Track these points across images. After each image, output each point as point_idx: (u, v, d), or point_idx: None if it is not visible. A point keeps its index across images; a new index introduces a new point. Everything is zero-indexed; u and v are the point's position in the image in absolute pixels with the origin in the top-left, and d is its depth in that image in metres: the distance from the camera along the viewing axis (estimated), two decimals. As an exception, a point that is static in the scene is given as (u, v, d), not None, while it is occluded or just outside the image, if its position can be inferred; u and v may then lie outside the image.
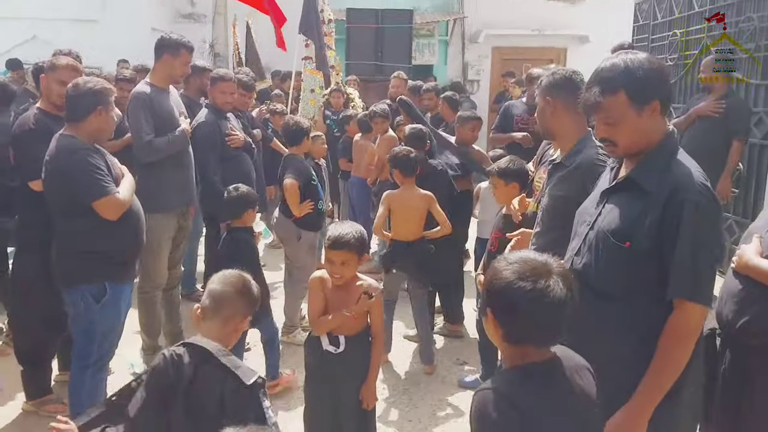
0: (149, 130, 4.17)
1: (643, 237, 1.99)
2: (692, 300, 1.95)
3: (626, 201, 2.09)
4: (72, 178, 3.15)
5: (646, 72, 2.00)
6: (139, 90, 4.28)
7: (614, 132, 2.08)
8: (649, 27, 7.69)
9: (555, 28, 13.31)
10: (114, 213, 3.24)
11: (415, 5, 13.08)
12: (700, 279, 1.95)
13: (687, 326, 1.97)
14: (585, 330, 2.02)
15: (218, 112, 4.88)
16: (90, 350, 3.34)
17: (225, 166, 4.80)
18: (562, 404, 1.64)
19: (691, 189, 1.96)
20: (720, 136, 5.37)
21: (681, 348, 1.97)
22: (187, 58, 4.39)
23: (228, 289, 2.24)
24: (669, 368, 1.97)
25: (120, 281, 3.37)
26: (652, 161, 2.07)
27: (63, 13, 11.68)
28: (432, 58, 13.59)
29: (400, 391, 4.32)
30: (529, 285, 1.57)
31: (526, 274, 1.59)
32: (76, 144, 3.21)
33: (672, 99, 2.15)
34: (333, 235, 2.97)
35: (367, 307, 3.00)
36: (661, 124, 2.09)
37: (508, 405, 1.57)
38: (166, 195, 4.29)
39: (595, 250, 2.11)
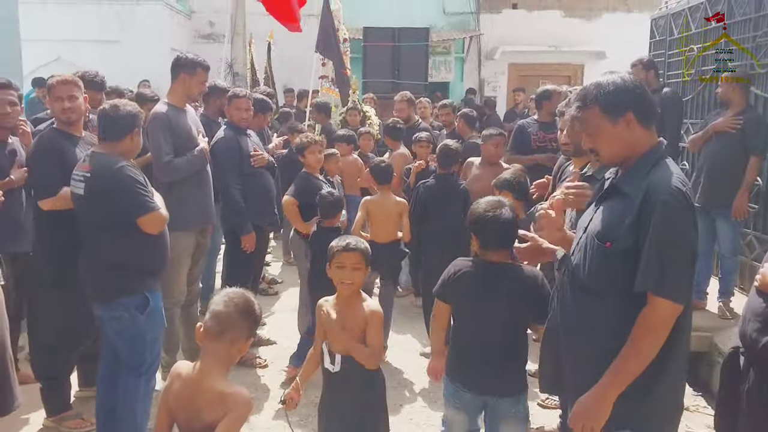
0: (168, 149, 4.23)
1: (621, 237, 2.15)
2: (659, 294, 2.07)
3: (610, 206, 2.27)
4: (119, 194, 3.25)
5: (616, 87, 2.22)
6: (157, 110, 4.35)
7: (595, 142, 2.29)
8: (665, 42, 7.68)
9: (571, 44, 13.35)
10: (157, 228, 3.39)
11: (432, 23, 13.21)
12: (667, 274, 2.06)
13: (654, 319, 2.09)
14: (576, 323, 2.33)
15: (237, 129, 4.95)
16: (142, 359, 3.44)
17: (246, 182, 4.84)
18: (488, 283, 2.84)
19: (661, 190, 2.09)
20: (738, 151, 5.34)
21: (647, 339, 2.10)
22: (204, 77, 4.46)
23: (232, 312, 2.24)
24: (634, 357, 2.11)
25: (157, 289, 3.52)
26: (636, 169, 2.23)
27: (85, 34, 11.95)
28: (448, 75, 13.68)
29: (418, 409, 4.31)
30: (490, 212, 2.74)
31: (489, 206, 2.78)
32: (119, 161, 3.31)
33: (651, 111, 2.29)
34: (342, 242, 3.00)
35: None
36: (645, 136, 2.23)
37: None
38: (187, 213, 4.34)
39: (584, 251, 2.29)
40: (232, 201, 4.79)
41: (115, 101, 3.52)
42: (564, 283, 2.40)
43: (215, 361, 2.24)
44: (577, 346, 2.33)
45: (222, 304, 2.26)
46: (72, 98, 3.76)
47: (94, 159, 3.33)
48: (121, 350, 3.46)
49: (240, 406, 2.21)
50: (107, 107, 3.42)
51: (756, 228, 5.92)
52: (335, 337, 2.98)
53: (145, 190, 3.34)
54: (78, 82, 3.88)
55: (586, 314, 2.28)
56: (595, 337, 2.23)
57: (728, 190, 5.34)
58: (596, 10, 13.85)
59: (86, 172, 3.30)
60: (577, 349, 2.32)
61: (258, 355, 5.00)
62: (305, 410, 4.22)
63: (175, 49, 12.72)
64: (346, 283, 2.98)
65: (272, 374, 4.80)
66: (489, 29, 13.69)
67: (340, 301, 3.05)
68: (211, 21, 14.49)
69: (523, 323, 2.98)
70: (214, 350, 2.24)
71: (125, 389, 3.47)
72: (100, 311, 3.43)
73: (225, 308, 2.24)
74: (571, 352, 2.38)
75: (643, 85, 2.28)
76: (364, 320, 2.96)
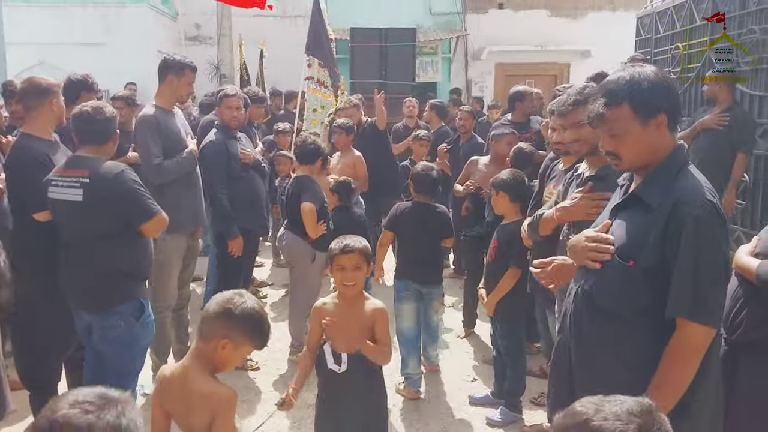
0: (158, 152, 4.20)
1: (647, 255, 1.95)
2: (693, 319, 1.89)
3: (631, 218, 2.06)
4: (124, 199, 3.18)
5: (651, 84, 1.97)
6: (146, 113, 4.32)
7: (618, 145, 2.04)
8: (651, 41, 7.72)
9: (557, 43, 13.41)
10: (160, 231, 3.37)
11: (418, 24, 13.22)
12: (701, 297, 1.89)
13: (687, 346, 1.91)
14: (595, 349, 2.07)
15: (228, 132, 4.93)
16: (134, 365, 3.44)
17: (235, 186, 4.83)
18: None
19: (692, 203, 1.91)
20: (725, 148, 5.39)
21: (681, 367, 1.91)
22: (191, 78, 4.44)
23: (209, 310, 2.27)
24: (667, 386, 1.91)
25: (147, 295, 3.49)
26: (658, 177, 2.03)
27: (70, 37, 11.86)
28: (436, 76, 13.69)
29: (411, 409, 4.30)
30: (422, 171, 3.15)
31: (423, 168, 2.50)
32: (118, 165, 3.27)
33: (680, 113, 2.09)
34: (341, 243, 2.99)
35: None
36: (669, 139, 2.04)
37: None
38: (179, 216, 4.30)
39: (602, 269, 2.06)
40: (219, 205, 4.79)
41: (94, 103, 3.41)
42: (578, 306, 2.16)
43: (195, 359, 2.29)
44: (597, 374, 2.08)
45: (208, 304, 2.31)
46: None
47: (88, 163, 3.22)
48: (112, 358, 3.39)
49: (224, 405, 2.24)
50: (88, 110, 3.31)
51: (744, 224, 5.97)
52: (341, 337, 3.00)
53: (149, 194, 3.31)
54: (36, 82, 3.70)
55: (606, 339, 2.06)
56: (620, 363, 2.03)
57: (716, 187, 5.36)
58: (582, 9, 13.91)
59: (83, 178, 3.17)
60: (597, 377, 2.06)
61: (249, 359, 4.97)
62: (299, 413, 4.21)
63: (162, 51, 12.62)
64: (348, 284, 2.98)
65: (264, 377, 4.78)
66: (475, 29, 13.72)
67: (344, 302, 3.05)
68: (197, 23, 14.42)
69: (438, 239, 4.55)
70: (195, 348, 2.31)
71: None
72: (91, 320, 3.35)
73: (206, 307, 2.31)
74: (590, 382, 2.10)
75: (673, 81, 2.09)
76: (370, 319, 3.00)
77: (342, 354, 3.00)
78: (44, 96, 3.56)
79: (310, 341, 3.15)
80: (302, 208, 4.79)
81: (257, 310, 2.27)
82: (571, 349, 2.20)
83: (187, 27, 14.42)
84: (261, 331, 2.28)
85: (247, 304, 2.25)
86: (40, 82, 3.62)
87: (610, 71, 2.22)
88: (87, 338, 3.48)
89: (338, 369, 2.99)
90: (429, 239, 4.51)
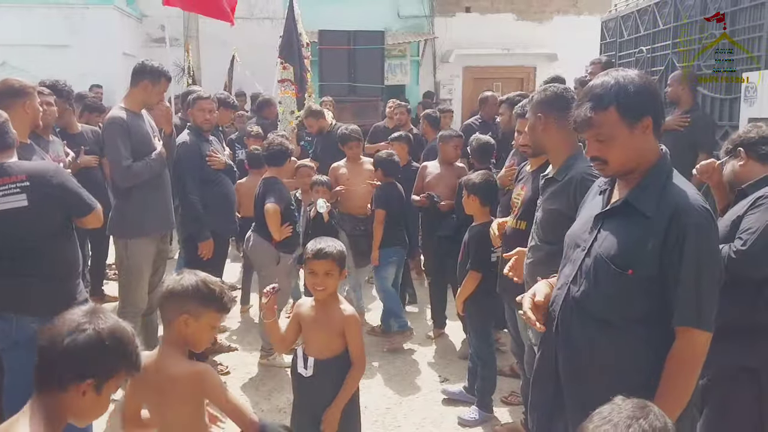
0: (127, 155, 4.16)
1: (645, 264, 1.95)
2: (698, 327, 1.91)
3: (624, 226, 2.03)
4: (67, 196, 3.12)
5: (637, 88, 1.98)
6: (115, 115, 4.26)
7: (605, 150, 2.02)
8: (616, 44, 7.85)
9: (524, 47, 13.55)
10: (100, 222, 3.29)
11: (387, 26, 13.25)
12: (704, 305, 1.91)
13: (693, 354, 1.92)
14: (587, 358, 2.06)
15: (200, 134, 4.91)
16: None
17: (206, 190, 4.80)
18: None
19: (692, 212, 1.92)
20: (687, 149, 5.50)
21: (686, 376, 1.92)
22: (165, 88, 4.42)
23: (161, 297, 2.40)
24: (674, 396, 1.91)
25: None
26: (648, 184, 2.01)
27: (33, 39, 11.64)
28: (404, 78, 13.73)
29: (382, 411, 4.32)
30: None
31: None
32: (50, 164, 3.23)
33: (664, 116, 2.08)
34: (315, 247, 2.97)
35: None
36: (654, 144, 2.04)
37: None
38: (148, 220, 4.28)
39: (594, 277, 2.05)
40: (191, 207, 4.76)
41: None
42: (567, 314, 2.11)
43: (166, 347, 2.37)
44: (588, 382, 2.05)
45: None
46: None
47: (19, 167, 3.07)
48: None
49: (207, 381, 2.31)
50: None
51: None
52: (312, 339, 3.01)
53: (82, 187, 3.26)
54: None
55: (598, 347, 2.03)
56: (612, 371, 2.00)
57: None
58: (548, 13, 14.08)
59: (21, 182, 3.03)
60: (588, 386, 2.03)
61: (219, 363, 4.95)
62: (271, 416, 4.19)
63: (127, 53, 12.50)
64: (318, 289, 2.98)
65: (234, 381, 4.75)
66: (443, 32, 13.79)
67: (318, 305, 3.05)
68: (163, 25, 14.19)
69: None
70: (163, 338, 2.40)
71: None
72: (41, 327, 3.18)
73: (159, 296, 2.44)
74: (580, 389, 2.08)
75: (657, 85, 2.08)
76: (340, 325, 2.98)
77: (309, 358, 2.99)
78: (17, 97, 3.48)
79: (286, 331, 3.11)
80: (266, 209, 4.77)
81: (199, 278, 2.34)
82: (557, 358, 2.16)
83: (152, 29, 14.22)
84: (211, 294, 2.32)
85: (185, 277, 2.35)
86: (13, 83, 3.53)
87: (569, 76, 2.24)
88: (25, 350, 3.14)
89: (305, 373, 2.99)
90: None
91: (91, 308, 1.81)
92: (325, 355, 2.98)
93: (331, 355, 2.98)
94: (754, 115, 4.98)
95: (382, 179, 5.46)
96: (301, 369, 3.00)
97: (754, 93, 5.00)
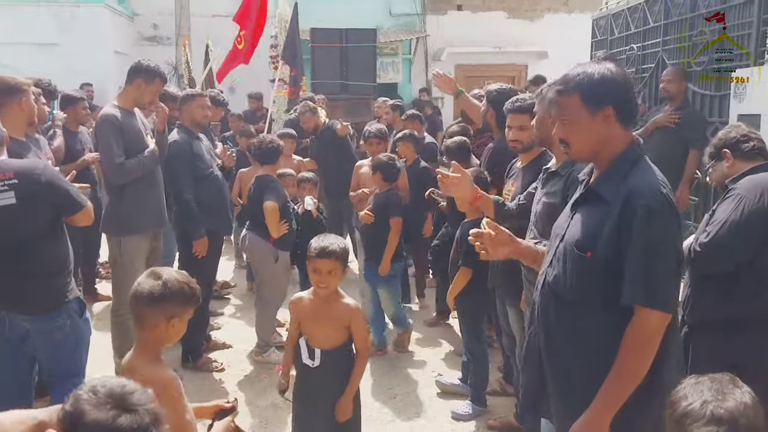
0: (120, 152, 4.16)
1: (602, 246, 2.04)
2: (648, 306, 1.97)
3: (588, 212, 2.15)
4: (56, 193, 3.11)
5: (602, 78, 2.09)
6: (107, 112, 4.27)
7: (569, 132, 2.15)
8: (606, 42, 7.91)
9: (515, 45, 13.61)
10: (90, 220, 3.28)
11: (379, 24, 13.28)
12: (654, 284, 1.97)
13: (643, 332, 1.98)
14: (561, 340, 2.18)
15: (190, 132, 4.89)
16: (81, 363, 3.36)
17: (200, 187, 4.79)
18: None
19: (644, 194, 2.00)
20: (678, 145, 5.54)
21: (638, 353, 1.98)
22: (159, 87, 4.43)
23: (140, 302, 2.31)
24: (627, 373, 1.99)
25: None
26: (613, 171, 2.12)
27: (23, 37, 11.59)
28: (396, 77, 13.77)
29: (377, 406, 4.34)
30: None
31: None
32: (38, 161, 3.21)
33: (632, 110, 2.17)
34: (319, 245, 3.01)
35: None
36: (622, 134, 2.13)
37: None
38: (141, 216, 4.28)
39: (563, 261, 2.16)
40: (185, 205, 4.74)
41: None
42: (544, 298, 2.24)
43: (141, 348, 2.36)
44: (563, 364, 2.18)
45: (132, 298, 2.34)
46: None
47: (8, 165, 3.06)
48: (57, 361, 3.27)
49: (159, 391, 2.21)
50: None
51: (696, 219, 6.15)
52: (316, 332, 3.06)
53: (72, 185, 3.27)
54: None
55: (570, 330, 2.14)
56: (583, 353, 2.10)
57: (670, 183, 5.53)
58: (539, 11, 14.16)
59: (9, 180, 3.01)
60: (563, 367, 2.17)
61: (214, 360, 4.95)
62: (265, 412, 4.22)
63: (119, 51, 12.46)
64: (321, 286, 3.04)
65: (230, 377, 4.76)
66: (435, 30, 13.84)
67: (318, 299, 3.10)
68: (154, 23, 14.23)
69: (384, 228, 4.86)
70: (138, 338, 2.38)
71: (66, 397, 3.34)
72: (29, 326, 3.17)
73: (134, 302, 2.33)
74: (557, 372, 2.21)
75: (630, 81, 2.17)
76: (345, 317, 3.06)
77: (315, 349, 3.05)
78: (13, 94, 3.49)
79: (291, 331, 3.21)
80: (265, 207, 4.79)
81: (179, 278, 2.34)
82: (540, 340, 2.27)
83: (143, 27, 14.22)
84: (193, 293, 2.35)
85: (169, 280, 2.30)
86: (8, 80, 3.53)
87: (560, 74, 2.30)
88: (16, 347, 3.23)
89: (312, 363, 3.05)
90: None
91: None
92: (332, 345, 3.07)
93: (336, 345, 3.08)
94: (743, 112, 5.03)
95: (381, 184, 5.03)
96: (307, 360, 3.07)
97: (744, 89, 5.04)
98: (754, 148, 3.03)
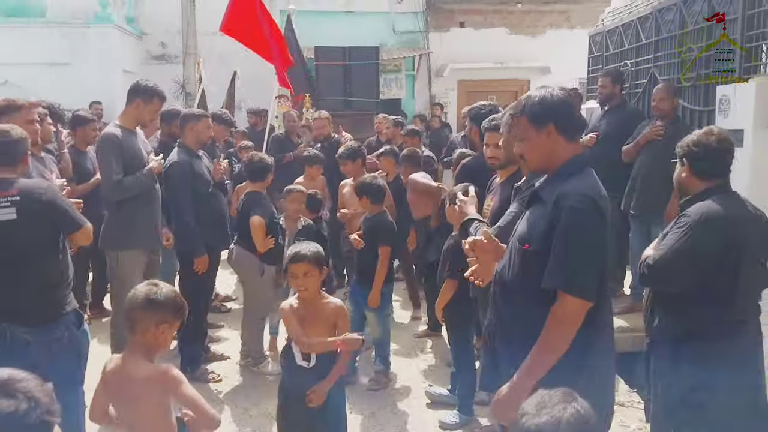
0: (119, 170, 4.33)
1: (537, 240, 2.34)
2: (566, 291, 2.24)
3: (532, 211, 2.47)
4: (57, 211, 3.26)
5: (542, 100, 2.42)
6: (108, 131, 4.45)
7: (524, 149, 2.50)
8: (602, 58, 8.04)
9: (517, 60, 13.74)
10: (90, 239, 3.44)
11: (382, 42, 13.47)
12: (574, 272, 2.24)
13: (562, 314, 2.25)
14: (509, 327, 2.52)
15: (190, 152, 4.98)
16: (82, 372, 3.49)
17: (199, 205, 4.90)
18: None
19: (570, 196, 2.28)
20: (668, 160, 5.61)
21: (556, 332, 2.26)
22: (158, 107, 4.61)
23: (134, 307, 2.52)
24: (544, 350, 2.27)
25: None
26: (554, 177, 2.44)
27: (34, 57, 11.82)
28: (400, 93, 13.93)
29: (367, 414, 4.45)
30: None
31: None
32: (43, 181, 3.38)
33: (573, 125, 2.47)
34: (291, 251, 3.25)
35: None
36: (567, 147, 2.43)
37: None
38: (136, 233, 4.44)
39: (510, 253, 2.49)
40: (185, 224, 4.86)
41: (4, 126, 3.40)
42: (496, 288, 2.56)
43: (134, 352, 2.54)
44: (513, 350, 2.43)
45: (128, 303, 2.54)
46: None
47: (13, 183, 3.22)
48: (56, 372, 3.21)
49: (169, 379, 2.49)
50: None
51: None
52: (307, 334, 3.23)
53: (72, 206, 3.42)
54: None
55: (516, 317, 2.45)
56: (529, 339, 2.33)
57: (661, 197, 5.59)
58: (540, 27, 14.29)
59: (12, 197, 3.18)
60: (513, 352, 2.42)
61: (212, 371, 5.08)
62: (258, 421, 4.34)
63: (128, 70, 12.70)
64: (301, 289, 3.23)
65: (226, 388, 4.88)
66: (438, 47, 13.99)
67: (303, 303, 3.28)
68: (162, 42, 14.47)
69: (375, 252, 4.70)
70: (131, 342, 2.56)
71: (68, 405, 3.43)
72: (29, 338, 3.24)
73: (129, 306, 2.53)
74: (508, 356, 2.48)
75: (569, 101, 2.45)
76: (332, 314, 3.28)
77: None
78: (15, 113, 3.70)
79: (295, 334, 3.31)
80: (251, 221, 4.93)
81: (173, 290, 2.60)
82: (493, 326, 2.60)
83: (152, 46, 14.47)
84: (183, 304, 2.60)
85: (163, 289, 2.55)
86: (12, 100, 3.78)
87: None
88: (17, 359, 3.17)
89: (307, 365, 3.22)
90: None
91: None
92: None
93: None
94: (728, 127, 5.11)
95: (370, 207, 4.89)
96: (302, 362, 3.24)
97: (728, 105, 5.14)
98: (710, 168, 2.99)
